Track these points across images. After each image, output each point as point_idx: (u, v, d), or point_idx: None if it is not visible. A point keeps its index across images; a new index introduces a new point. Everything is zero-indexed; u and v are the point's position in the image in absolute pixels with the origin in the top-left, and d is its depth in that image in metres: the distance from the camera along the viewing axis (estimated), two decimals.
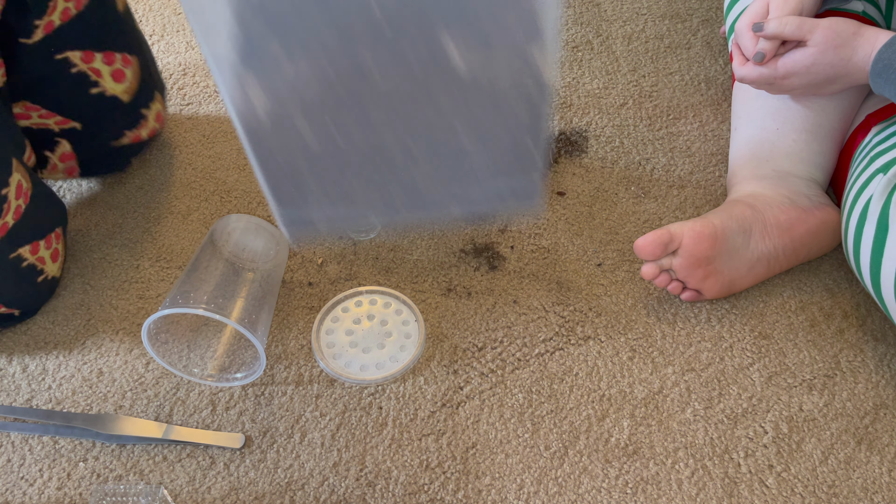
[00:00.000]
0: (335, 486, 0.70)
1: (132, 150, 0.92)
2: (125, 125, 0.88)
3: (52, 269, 0.81)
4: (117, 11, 0.84)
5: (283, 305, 0.83)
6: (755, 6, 0.81)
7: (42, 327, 0.81)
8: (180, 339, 0.78)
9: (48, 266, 0.80)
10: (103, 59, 0.82)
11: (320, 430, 0.74)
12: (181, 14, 1.16)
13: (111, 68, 0.83)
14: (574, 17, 1.16)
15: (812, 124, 0.84)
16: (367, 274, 0.86)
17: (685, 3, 1.18)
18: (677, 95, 1.05)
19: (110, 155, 0.90)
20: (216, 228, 0.80)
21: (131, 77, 0.86)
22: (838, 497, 0.70)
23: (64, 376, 0.78)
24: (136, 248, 0.88)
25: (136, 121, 0.89)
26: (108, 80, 0.83)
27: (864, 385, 0.77)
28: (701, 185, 0.94)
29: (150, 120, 0.90)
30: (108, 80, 0.83)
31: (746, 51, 0.81)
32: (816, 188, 0.85)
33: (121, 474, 0.71)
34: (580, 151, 0.98)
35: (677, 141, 1.00)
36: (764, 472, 0.71)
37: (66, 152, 0.86)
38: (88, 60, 0.81)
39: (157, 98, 0.91)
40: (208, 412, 0.75)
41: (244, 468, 0.71)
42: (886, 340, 0.80)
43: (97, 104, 0.84)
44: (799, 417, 0.75)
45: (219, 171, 0.96)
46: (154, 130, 0.92)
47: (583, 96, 1.05)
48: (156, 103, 0.91)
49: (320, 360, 0.78)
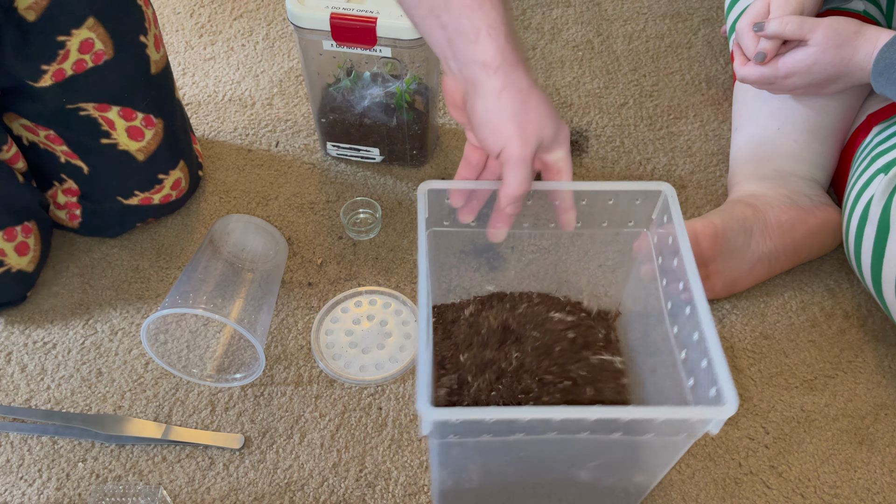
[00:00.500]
0: (335, 486, 0.70)
1: (140, 214, 0.86)
2: (136, 185, 0.84)
3: (17, 262, 0.78)
4: (149, 73, 0.80)
5: (282, 305, 0.83)
6: (756, 6, 0.80)
7: (41, 327, 0.81)
8: (179, 340, 0.78)
9: (11, 258, 0.78)
10: (120, 112, 0.78)
11: (320, 430, 0.74)
12: (180, 13, 1.16)
13: (128, 124, 0.79)
14: (574, 16, 1.16)
15: (813, 124, 0.84)
16: (367, 274, 0.85)
17: (686, 3, 1.18)
18: (678, 95, 1.05)
19: (115, 213, 0.85)
20: (216, 228, 0.80)
21: (150, 138, 0.81)
22: (839, 497, 0.70)
23: (63, 376, 0.77)
24: (135, 248, 0.88)
25: (150, 183, 0.84)
26: (121, 135, 0.79)
27: (865, 385, 0.77)
28: (701, 184, 0.94)
29: (165, 186, 0.85)
30: (121, 135, 0.79)
31: (748, 50, 0.81)
32: (817, 188, 0.85)
33: (120, 475, 0.71)
34: (581, 151, 0.98)
35: (678, 141, 0.99)
36: (764, 472, 0.71)
37: (72, 189, 0.83)
38: (102, 110, 0.78)
39: (180, 166, 0.86)
40: (207, 413, 0.75)
41: (243, 469, 0.71)
42: (887, 340, 0.80)
43: (107, 153, 0.80)
44: (800, 417, 0.74)
45: (219, 171, 0.96)
46: (168, 198, 0.86)
47: (583, 96, 1.05)
48: (178, 171, 0.86)
49: (320, 360, 0.78)
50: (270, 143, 0.99)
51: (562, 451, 0.57)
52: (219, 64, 1.09)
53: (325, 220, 0.90)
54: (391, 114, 0.90)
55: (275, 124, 1.01)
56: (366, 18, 0.79)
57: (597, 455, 0.58)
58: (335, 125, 0.93)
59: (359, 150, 0.95)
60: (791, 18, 0.76)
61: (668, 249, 0.62)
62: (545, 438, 0.53)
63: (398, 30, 0.79)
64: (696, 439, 0.54)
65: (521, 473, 0.61)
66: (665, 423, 0.51)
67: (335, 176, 0.95)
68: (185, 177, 0.88)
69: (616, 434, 0.53)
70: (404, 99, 0.87)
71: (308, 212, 0.91)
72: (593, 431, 0.52)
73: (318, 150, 0.98)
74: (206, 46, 1.11)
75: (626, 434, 0.53)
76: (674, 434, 0.53)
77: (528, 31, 1.14)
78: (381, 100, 0.88)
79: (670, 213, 0.61)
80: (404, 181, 0.94)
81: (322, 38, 0.82)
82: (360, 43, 0.81)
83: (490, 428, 0.51)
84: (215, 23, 1.15)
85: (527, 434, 0.52)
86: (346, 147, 0.95)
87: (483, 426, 0.51)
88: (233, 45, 1.12)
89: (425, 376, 0.52)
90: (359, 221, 0.90)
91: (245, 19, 1.15)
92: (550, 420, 0.50)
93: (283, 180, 0.95)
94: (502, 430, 0.52)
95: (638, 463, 0.60)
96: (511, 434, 0.52)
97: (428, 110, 0.90)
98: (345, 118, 0.92)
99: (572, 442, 0.54)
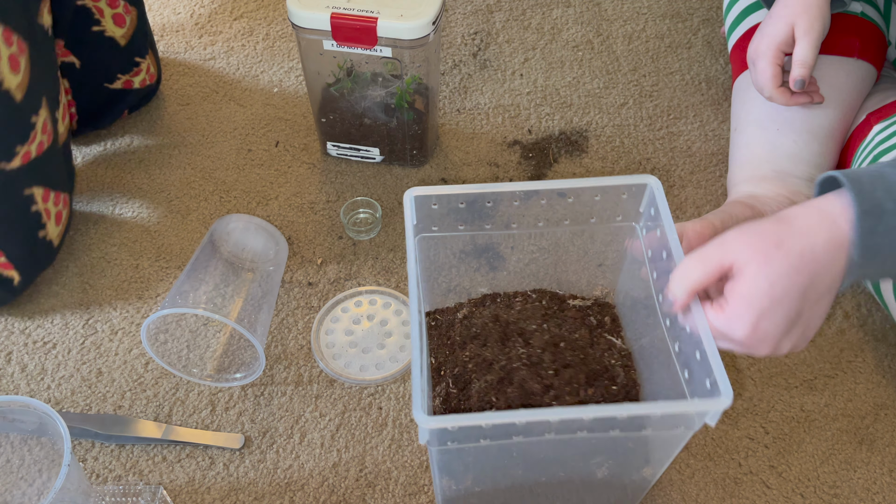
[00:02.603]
0: (335, 486, 0.70)
1: (125, 99, 0.97)
2: (119, 68, 0.95)
3: (52, 231, 0.80)
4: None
5: (282, 305, 0.83)
6: (779, 29, 0.79)
7: (41, 327, 0.81)
8: (179, 340, 0.78)
9: (50, 225, 0.80)
10: (107, 0, 0.89)
11: (320, 430, 0.74)
12: (180, 13, 1.16)
13: (113, 11, 0.88)
14: (574, 16, 1.16)
15: (812, 125, 0.84)
16: (367, 274, 0.85)
17: (686, 3, 1.18)
18: (678, 95, 1.05)
19: (105, 101, 0.95)
20: (216, 228, 0.80)
21: (129, 24, 0.92)
22: (839, 497, 0.70)
23: (63, 376, 0.77)
24: (135, 247, 0.88)
25: (129, 66, 0.95)
26: (108, 21, 0.88)
27: (865, 385, 0.77)
28: (701, 184, 0.94)
29: (142, 70, 0.97)
30: (108, 21, 0.88)
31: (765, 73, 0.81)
32: None
33: (120, 475, 0.71)
34: (580, 151, 0.98)
35: (678, 141, 0.99)
36: (764, 472, 0.71)
37: (65, 89, 0.89)
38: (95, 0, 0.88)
39: (150, 54, 0.98)
40: (208, 412, 0.75)
41: (244, 468, 0.71)
42: (887, 340, 0.80)
43: (96, 42, 0.90)
44: (800, 417, 0.74)
45: (219, 170, 0.96)
46: (145, 82, 0.98)
47: (583, 96, 1.05)
48: (149, 58, 0.98)
49: (320, 360, 0.78)
50: (270, 143, 0.99)
51: (561, 449, 0.57)
52: (219, 64, 1.09)
53: (325, 220, 0.90)
54: (391, 114, 0.90)
55: (275, 124, 1.01)
56: (366, 18, 0.79)
57: (596, 452, 0.58)
58: (335, 125, 0.93)
59: (359, 150, 0.95)
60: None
61: (657, 243, 0.62)
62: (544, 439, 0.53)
63: (398, 30, 0.79)
64: (695, 431, 0.54)
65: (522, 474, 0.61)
66: (662, 418, 0.51)
67: (335, 176, 0.95)
68: (153, 65, 1.00)
69: (614, 431, 0.53)
70: (404, 99, 0.87)
71: (308, 212, 0.91)
72: (591, 430, 0.52)
73: (318, 150, 0.98)
74: (206, 46, 1.11)
75: (624, 431, 0.53)
76: (672, 428, 0.54)
77: (528, 31, 1.14)
78: (381, 100, 0.88)
79: (657, 205, 0.61)
80: (404, 181, 0.94)
81: (322, 38, 0.82)
82: (360, 43, 0.81)
83: (488, 433, 0.51)
84: (215, 23, 1.15)
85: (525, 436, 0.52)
86: (346, 147, 0.95)
87: (481, 431, 0.51)
88: (233, 45, 1.11)
89: (420, 384, 0.52)
90: (359, 221, 0.90)
91: (245, 19, 1.15)
92: (548, 421, 0.50)
93: (283, 180, 0.95)
94: (500, 434, 0.52)
95: (637, 458, 0.60)
96: (509, 437, 0.52)
97: (428, 110, 0.90)
98: (345, 118, 0.92)
99: (571, 441, 0.54)
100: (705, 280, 0.52)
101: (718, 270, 0.52)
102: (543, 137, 1.00)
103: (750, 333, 0.51)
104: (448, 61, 1.09)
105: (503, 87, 1.06)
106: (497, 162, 0.97)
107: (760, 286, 0.50)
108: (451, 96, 1.05)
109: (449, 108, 1.03)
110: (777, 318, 0.50)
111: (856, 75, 0.86)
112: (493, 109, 1.03)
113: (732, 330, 0.51)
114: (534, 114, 1.03)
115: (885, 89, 0.88)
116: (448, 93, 1.05)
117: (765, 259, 0.50)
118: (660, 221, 0.61)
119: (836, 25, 0.81)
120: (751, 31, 0.93)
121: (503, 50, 1.11)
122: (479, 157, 0.97)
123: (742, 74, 0.92)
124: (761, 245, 0.50)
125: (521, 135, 1.00)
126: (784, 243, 0.50)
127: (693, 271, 0.53)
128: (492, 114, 1.03)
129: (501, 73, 1.08)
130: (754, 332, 0.51)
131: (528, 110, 1.03)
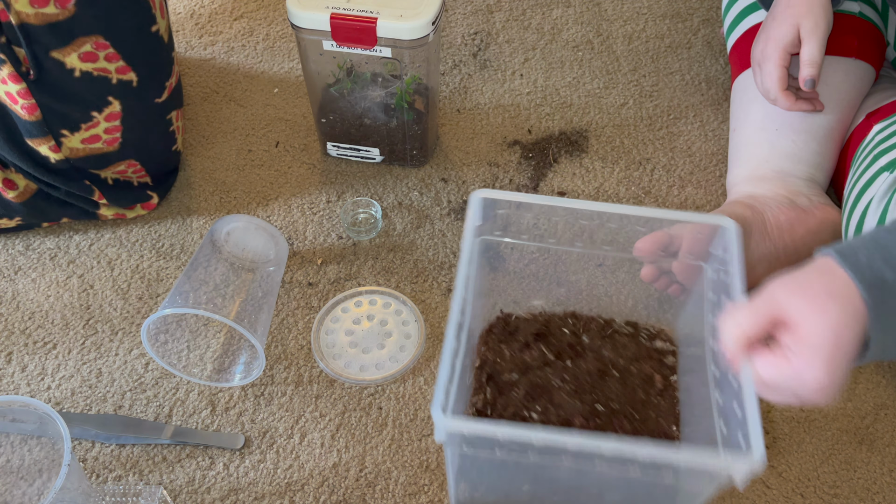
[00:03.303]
0: (335, 486, 0.70)
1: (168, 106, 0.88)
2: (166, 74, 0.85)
3: (179, 142, 0.92)
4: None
5: (282, 305, 0.83)
6: (785, 31, 0.79)
7: (41, 327, 0.81)
8: (180, 340, 0.78)
9: (179, 139, 0.91)
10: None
11: (320, 430, 0.74)
12: (180, 13, 1.16)
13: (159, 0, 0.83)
14: (574, 16, 1.16)
15: (811, 125, 0.84)
16: (367, 274, 0.86)
17: (686, 3, 1.18)
18: (678, 95, 1.05)
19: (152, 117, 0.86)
20: (216, 228, 0.80)
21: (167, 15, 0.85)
22: (839, 497, 0.70)
23: (63, 376, 0.77)
24: (135, 247, 0.88)
25: (170, 66, 0.86)
26: (157, 13, 0.81)
27: (865, 385, 0.77)
28: (701, 184, 0.94)
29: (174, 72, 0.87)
30: (157, 13, 0.81)
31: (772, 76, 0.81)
32: (816, 188, 0.85)
33: (120, 475, 0.71)
34: (580, 151, 0.98)
35: (678, 141, 0.99)
36: (764, 472, 0.71)
37: (114, 112, 0.82)
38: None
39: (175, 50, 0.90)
40: (208, 412, 0.75)
41: (244, 469, 0.71)
42: None
43: (153, 45, 0.82)
44: (800, 417, 0.74)
45: (219, 170, 0.96)
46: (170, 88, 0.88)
47: (583, 96, 1.05)
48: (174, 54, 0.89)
49: (320, 360, 0.78)
50: (270, 144, 0.99)
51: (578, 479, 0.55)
52: (219, 64, 1.09)
53: (325, 220, 0.91)
54: (391, 114, 0.90)
55: (275, 124, 1.01)
56: (366, 19, 0.79)
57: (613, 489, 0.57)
58: (335, 125, 0.93)
59: (359, 150, 0.95)
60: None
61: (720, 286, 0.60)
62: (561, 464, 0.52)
63: (398, 30, 0.79)
64: (720, 488, 0.51)
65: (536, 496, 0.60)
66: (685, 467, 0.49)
67: (335, 176, 0.95)
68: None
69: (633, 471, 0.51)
70: (404, 99, 0.87)
71: (308, 212, 0.91)
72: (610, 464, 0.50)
73: (318, 150, 0.98)
74: (206, 47, 1.11)
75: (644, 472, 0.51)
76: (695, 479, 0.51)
77: (528, 31, 1.14)
78: (381, 100, 0.88)
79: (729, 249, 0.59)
80: (404, 181, 0.94)
81: (322, 38, 0.82)
82: (360, 43, 0.81)
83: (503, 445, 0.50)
84: (215, 23, 1.15)
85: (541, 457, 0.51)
86: (346, 147, 0.95)
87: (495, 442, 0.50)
88: (233, 45, 1.12)
89: (445, 382, 0.51)
90: (359, 221, 0.90)
91: (245, 19, 1.15)
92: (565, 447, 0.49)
93: (283, 180, 0.95)
94: (515, 449, 0.51)
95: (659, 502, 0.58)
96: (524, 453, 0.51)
97: (428, 110, 0.90)
98: (345, 118, 0.92)
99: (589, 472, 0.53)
100: (757, 331, 0.51)
101: (770, 321, 0.50)
102: (543, 137, 1.00)
103: (826, 382, 0.48)
104: (448, 61, 1.09)
105: (503, 87, 1.06)
106: (497, 162, 0.97)
107: (826, 336, 0.48)
108: (451, 96, 1.05)
109: (449, 108, 1.03)
110: (844, 366, 0.49)
111: (854, 75, 0.86)
112: (493, 109, 1.03)
113: (803, 380, 0.49)
114: (534, 114, 1.03)
115: (884, 89, 0.88)
116: (448, 93, 1.05)
117: (822, 309, 0.48)
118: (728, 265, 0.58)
119: (834, 25, 0.81)
120: (750, 31, 0.93)
121: (503, 50, 1.11)
122: (479, 157, 0.97)
123: (741, 74, 0.92)
124: (815, 297, 0.49)
125: (521, 135, 1.00)
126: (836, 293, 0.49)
127: (744, 321, 0.51)
128: (492, 114, 1.03)
129: (501, 73, 1.08)
130: (830, 381, 0.48)
131: (528, 110, 1.03)
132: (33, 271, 0.86)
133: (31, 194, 0.84)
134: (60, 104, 0.77)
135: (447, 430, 0.49)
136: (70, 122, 0.78)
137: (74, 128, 0.79)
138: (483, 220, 0.65)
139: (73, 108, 0.78)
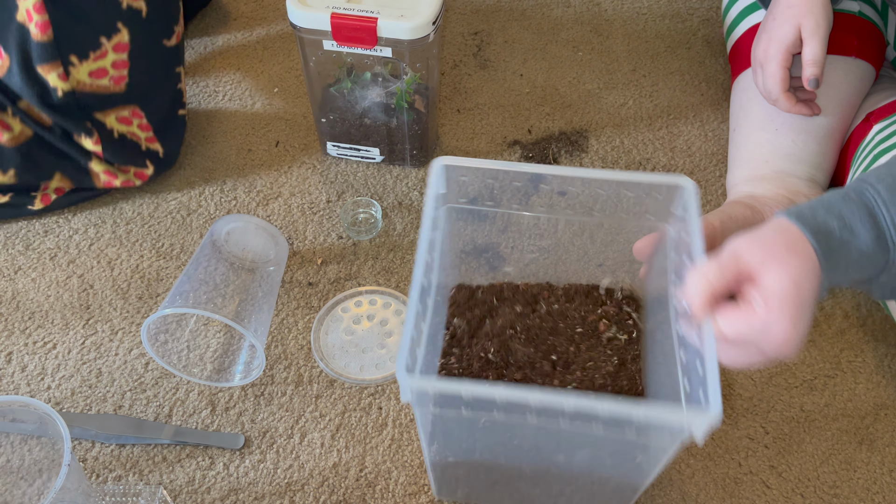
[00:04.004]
0: (335, 486, 0.70)
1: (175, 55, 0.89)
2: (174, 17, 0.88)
3: (185, 109, 0.92)
4: None
5: (283, 305, 0.83)
6: (786, 32, 0.79)
7: (41, 327, 0.81)
8: (180, 340, 0.78)
9: (185, 104, 0.92)
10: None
11: (320, 430, 0.74)
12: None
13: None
14: (574, 16, 1.16)
15: (811, 124, 0.84)
16: (367, 274, 0.86)
17: (685, 3, 1.18)
18: (677, 95, 1.05)
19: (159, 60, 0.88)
20: (216, 228, 0.80)
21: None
22: (839, 497, 0.70)
23: (63, 376, 0.77)
24: (135, 247, 0.88)
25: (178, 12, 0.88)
26: None
27: (865, 385, 0.77)
28: (701, 184, 0.94)
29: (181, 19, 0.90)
30: None
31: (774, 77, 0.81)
32: (816, 188, 0.85)
33: (120, 475, 0.71)
34: (580, 151, 0.98)
35: (677, 140, 0.99)
36: (764, 472, 0.71)
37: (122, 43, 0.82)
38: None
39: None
40: (208, 412, 0.75)
41: (244, 469, 0.71)
42: (886, 340, 0.80)
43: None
44: (800, 417, 0.74)
45: (219, 170, 0.96)
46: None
47: (583, 96, 1.05)
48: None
49: (320, 360, 0.78)
50: (270, 143, 0.99)
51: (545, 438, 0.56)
52: (219, 64, 1.09)
53: (325, 220, 0.91)
54: (391, 114, 0.90)
55: (275, 124, 1.01)
56: (366, 19, 0.79)
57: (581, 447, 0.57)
58: (335, 125, 0.93)
59: (359, 150, 0.95)
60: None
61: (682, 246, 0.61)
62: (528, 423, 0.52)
63: (398, 30, 0.79)
64: (683, 443, 0.52)
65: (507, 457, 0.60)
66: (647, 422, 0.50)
67: (335, 176, 0.95)
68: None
69: (597, 427, 0.52)
70: (404, 99, 0.87)
71: (308, 212, 0.91)
72: (572, 421, 0.51)
73: (318, 150, 0.98)
74: (206, 47, 1.11)
75: (607, 429, 0.52)
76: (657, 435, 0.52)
77: (528, 31, 1.14)
78: (381, 100, 0.88)
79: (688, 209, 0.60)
80: (404, 181, 0.94)
81: (322, 38, 0.82)
82: (360, 43, 0.81)
83: (467, 403, 0.51)
84: (215, 23, 1.15)
85: (506, 414, 0.52)
86: (346, 147, 0.95)
87: (460, 400, 0.51)
88: (233, 44, 1.12)
89: (408, 341, 0.52)
90: (359, 221, 0.90)
91: (245, 19, 1.15)
92: (527, 402, 0.50)
93: (283, 180, 0.95)
94: (480, 407, 0.51)
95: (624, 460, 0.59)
96: (490, 411, 0.52)
97: (428, 110, 0.90)
98: (345, 118, 0.92)
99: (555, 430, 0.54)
100: (722, 284, 0.52)
101: (734, 275, 0.52)
102: (543, 137, 1.00)
103: (791, 331, 0.50)
104: (448, 61, 1.09)
105: (503, 86, 1.06)
106: None
107: (786, 287, 0.50)
108: (451, 96, 1.05)
109: (449, 108, 1.03)
110: (807, 317, 0.51)
111: (854, 74, 0.86)
112: (492, 109, 1.03)
113: (771, 331, 0.50)
114: (534, 114, 1.03)
115: (884, 89, 0.88)
116: (448, 93, 1.05)
117: (783, 261, 0.51)
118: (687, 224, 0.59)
119: (834, 24, 0.81)
120: (749, 31, 0.93)
121: (503, 50, 1.11)
122: (480, 157, 0.97)
123: (741, 74, 0.92)
124: (775, 249, 0.51)
125: (521, 135, 1.00)
126: (794, 247, 0.52)
127: (710, 273, 0.52)
128: (492, 114, 1.03)
129: (501, 73, 1.08)
130: (795, 330, 0.50)
131: (528, 110, 1.03)
132: (33, 271, 0.86)
133: (25, 139, 0.83)
134: (71, 23, 0.77)
135: (412, 389, 0.50)
136: (79, 46, 0.79)
137: (83, 55, 0.79)
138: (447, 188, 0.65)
139: (82, 29, 0.78)
